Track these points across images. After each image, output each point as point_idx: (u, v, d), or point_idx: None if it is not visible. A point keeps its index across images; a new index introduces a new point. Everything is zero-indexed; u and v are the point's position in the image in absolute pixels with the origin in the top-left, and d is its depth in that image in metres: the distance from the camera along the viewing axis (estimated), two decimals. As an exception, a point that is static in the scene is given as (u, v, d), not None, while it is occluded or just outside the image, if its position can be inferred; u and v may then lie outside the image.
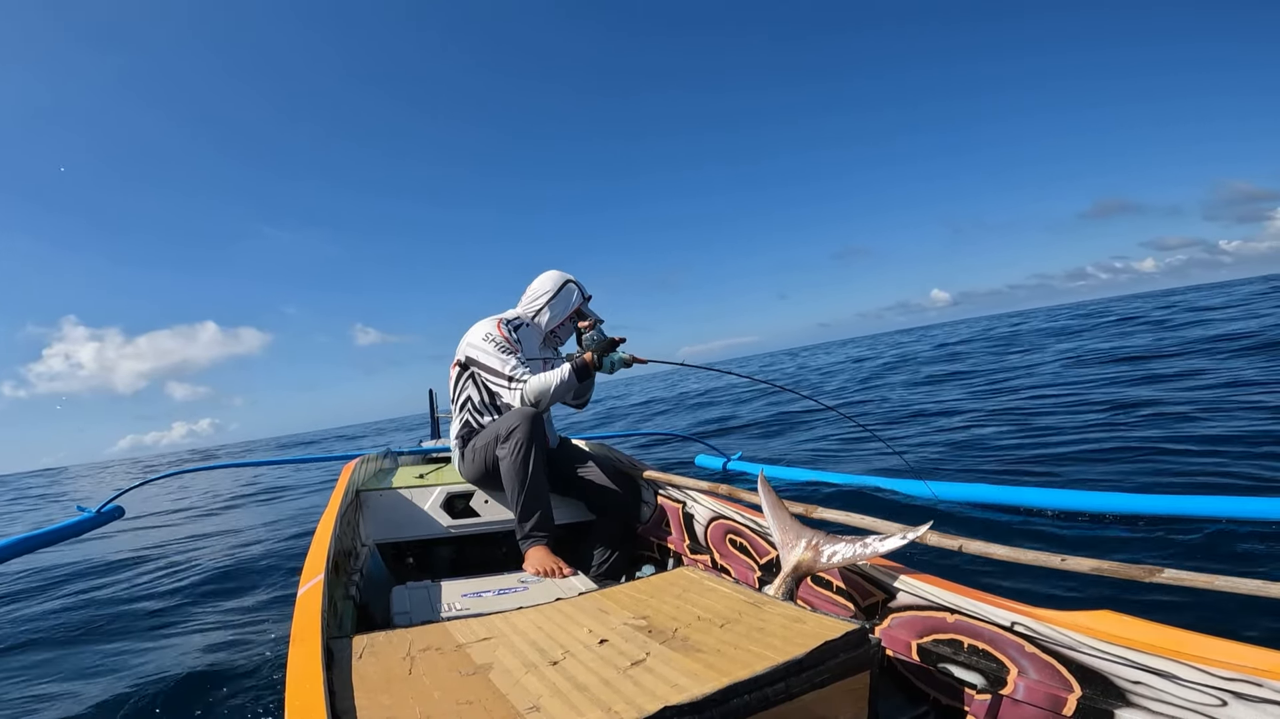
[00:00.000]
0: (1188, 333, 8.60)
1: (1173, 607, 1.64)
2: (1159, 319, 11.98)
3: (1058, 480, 3.05)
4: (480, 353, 2.05)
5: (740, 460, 4.16)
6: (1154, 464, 3.04)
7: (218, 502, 5.23)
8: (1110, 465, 3.16)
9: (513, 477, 1.88)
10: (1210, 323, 9.54)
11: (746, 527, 1.71)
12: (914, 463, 3.85)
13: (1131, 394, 4.76)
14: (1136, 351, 7.38)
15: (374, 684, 0.92)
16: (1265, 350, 5.94)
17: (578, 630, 1.11)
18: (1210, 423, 3.57)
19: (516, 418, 1.89)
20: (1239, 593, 0.85)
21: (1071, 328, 14.34)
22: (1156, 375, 5.47)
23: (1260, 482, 2.58)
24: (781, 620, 1.07)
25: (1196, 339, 7.58)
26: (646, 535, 2.15)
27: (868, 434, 4.66)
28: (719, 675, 0.88)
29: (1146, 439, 3.45)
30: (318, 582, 1.20)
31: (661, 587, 1.34)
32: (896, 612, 1.20)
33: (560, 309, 2.17)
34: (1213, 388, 4.50)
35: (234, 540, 3.90)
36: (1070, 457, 3.44)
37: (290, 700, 0.80)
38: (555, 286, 2.17)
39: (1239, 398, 4.12)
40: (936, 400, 5.75)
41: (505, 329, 2.07)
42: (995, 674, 1.02)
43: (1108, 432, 3.81)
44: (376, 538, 2.10)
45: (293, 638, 0.99)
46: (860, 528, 1.39)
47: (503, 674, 0.95)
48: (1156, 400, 4.41)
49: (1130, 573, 0.97)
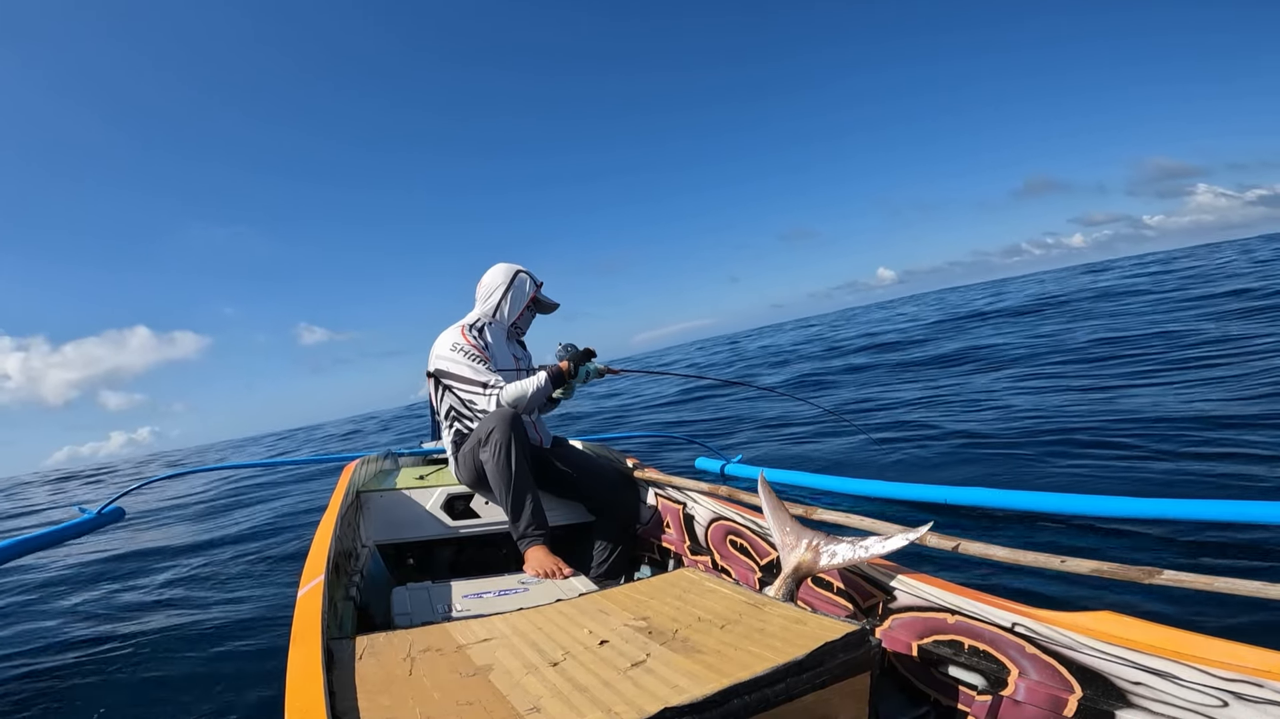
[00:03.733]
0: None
1: (1176, 607, 1.64)
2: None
3: (1057, 485, 3.05)
4: (450, 363, 2.07)
5: (740, 463, 4.16)
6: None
7: (215, 502, 5.23)
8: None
9: (497, 478, 1.89)
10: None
11: (747, 528, 1.71)
12: (908, 459, 3.85)
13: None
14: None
15: (374, 685, 0.92)
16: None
17: (578, 631, 1.11)
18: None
19: (493, 420, 1.92)
20: (1239, 594, 0.85)
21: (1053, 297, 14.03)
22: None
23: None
24: (782, 621, 1.07)
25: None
26: (646, 536, 2.15)
27: (851, 428, 4.68)
28: (719, 677, 0.88)
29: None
30: (318, 582, 1.20)
31: (661, 587, 1.34)
32: (897, 613, 1.20)
33: (517, 300, 2.21)
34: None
35: (231, 542, 3.90)
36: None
37: (290, 701, 0.80)
38: (507, 279, 2.20)
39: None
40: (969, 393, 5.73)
41: (471, 335, 2.10)
42: (996, 675, 1.02)
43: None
44: (377, 539, 2.10)
45: (293, 639, 0.99)
46: (860, 529, 1.39)
47: (503, 675, 0.95)
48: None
49: (1130, 574, 0.97)
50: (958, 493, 2.80)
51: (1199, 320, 6.80)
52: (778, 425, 5.79)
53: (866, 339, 12.73)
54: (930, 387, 6.20)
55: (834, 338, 15.22)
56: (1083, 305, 10.85)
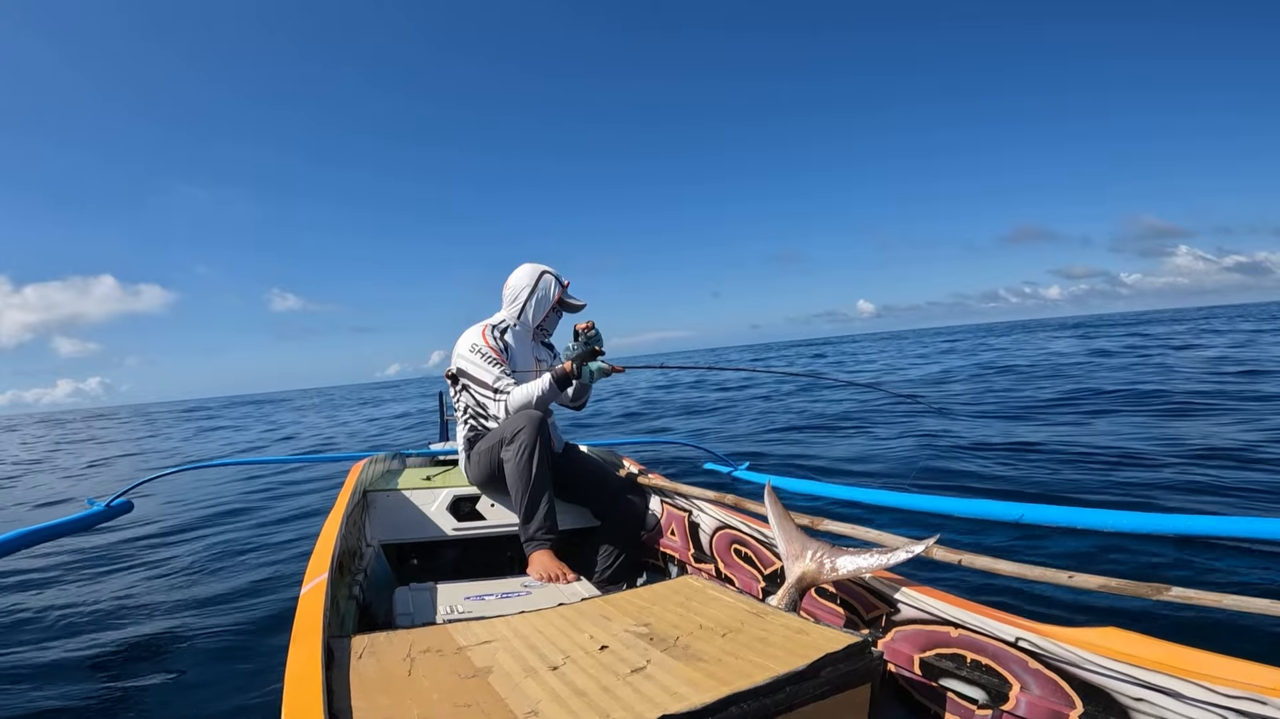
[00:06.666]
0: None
1: (1186, 624, 1.62)
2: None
3: (1066, 499, 3.02)
4: (468, 364, 2.10)
5: (747, 470, 4.14)
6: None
7: (220, 498, 5.27)
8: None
9: (517, 478, 1.89)
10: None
11: (752, 537, 1.70)
12: (918, 472, 3.82)
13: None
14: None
15: (373, 685, 0.92)
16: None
17: (579, 636, 1.11)
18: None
19: (521, 420, 1.92)
20: (1248, 612, 0.84)
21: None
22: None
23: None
24: (784, 631, 1.07)
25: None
26: (651, 543, 2.14)
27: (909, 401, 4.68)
28: (719, 685, 0.88)
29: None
30: (321, 581, 1.21)
31: (664, 595, 1.33)
32: (900, 625, 1.19)
33: (541, 304, 2.21)
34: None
35: (237, 537, 3.93)
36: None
37: (288, 699, 0.81)
38: (531, 281, 2.20)
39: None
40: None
41: (491, 337, 2.11)
42: (998, 690, 1.01)
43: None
44: (382, 539, 2.11)
45: (293, 637, 0.99)
46: (866, 540, 1.39)
47: (502, 678, 0.95)
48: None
49: (1138, 590, 0.96)
50: (966, 505, 2.78)
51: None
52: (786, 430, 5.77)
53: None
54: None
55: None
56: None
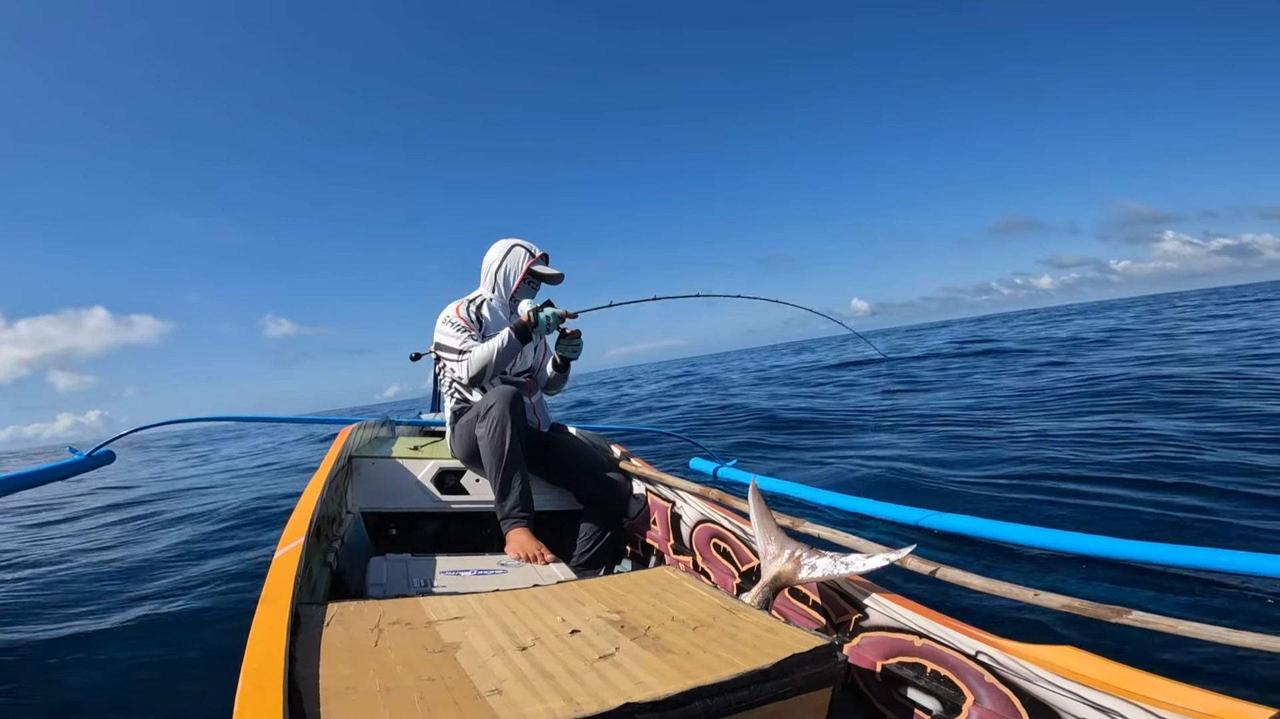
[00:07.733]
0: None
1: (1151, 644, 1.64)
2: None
3: (1054, 521, 3.03)
4: (441, 335, 2.13)
5: (734, 468, 4.16)
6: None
7: (205, 455, 5.25)
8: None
9: (490, 454, 1.91)
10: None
11: (732, 533, 1.71)
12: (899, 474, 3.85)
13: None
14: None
15: (337, 653, 0.93)
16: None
17: (551, 619, 1.12)
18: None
19: (494, 396, 1.94)
20: (1203, 639, 0.86)
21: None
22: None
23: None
24: (754, 629, 1.08)
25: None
26: (632, 530, 2.15)
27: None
28: (684, 677, 0.89)
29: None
30: (296, 545, 1.21)
31: (640, 583, 1.34)
32: (867, 631, 1.21)
33: (511, 274, 2.22)
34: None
35: (215, 496, 3.91)
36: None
37: (248, 662, 0.80)
38: (502, 254, 2.23)
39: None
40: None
41: (464, 311, 2.14)
42: (952, 701, 1.02)
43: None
44: (363, 506, 2.10)
45: (262, 599, 0.99)
46: (844, 545, 1.40)
47: (469, 655, 0.96)
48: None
49: (1099, 612, 0.97)
50: (948, 519, 2.79)
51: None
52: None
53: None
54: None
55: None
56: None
